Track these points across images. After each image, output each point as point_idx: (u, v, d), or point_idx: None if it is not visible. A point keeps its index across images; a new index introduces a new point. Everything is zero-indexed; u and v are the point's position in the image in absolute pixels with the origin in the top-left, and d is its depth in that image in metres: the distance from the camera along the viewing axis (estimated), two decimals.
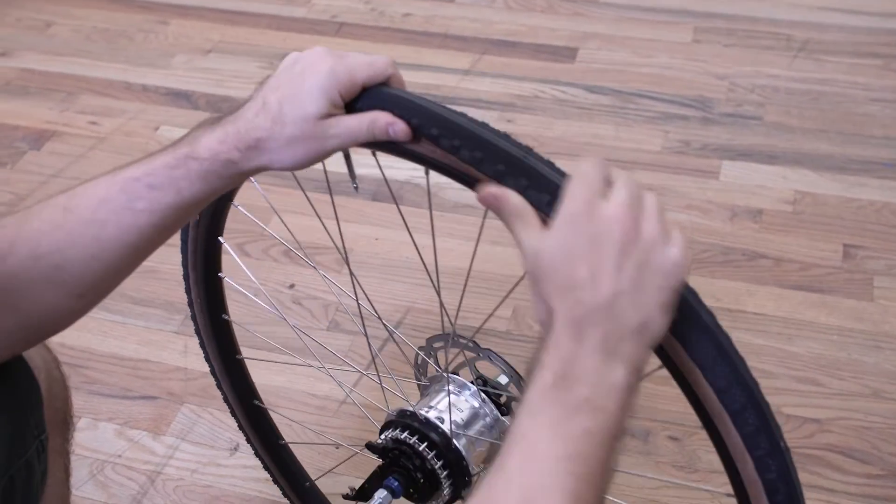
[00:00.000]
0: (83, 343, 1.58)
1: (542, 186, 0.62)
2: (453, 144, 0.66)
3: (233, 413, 1.22)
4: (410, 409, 0.86)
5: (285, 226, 1.06)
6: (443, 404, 0.87)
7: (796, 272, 1.64)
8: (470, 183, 0.67)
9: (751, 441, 0.61)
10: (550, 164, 0.64)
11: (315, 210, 0.92)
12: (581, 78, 2.14)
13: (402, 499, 0.89)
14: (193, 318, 1.11)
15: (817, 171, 1.85)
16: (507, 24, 2.33)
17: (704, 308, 0.61)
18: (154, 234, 0.72)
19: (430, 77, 2.16)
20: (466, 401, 0.88)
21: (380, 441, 0.86)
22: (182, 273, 1.07)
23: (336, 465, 1.29)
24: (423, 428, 0.83)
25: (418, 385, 0.94)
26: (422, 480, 0.84)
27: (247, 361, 1.17)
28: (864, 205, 1.77)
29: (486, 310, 0.92)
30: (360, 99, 0.71)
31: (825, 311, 1.57)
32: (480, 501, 0.55)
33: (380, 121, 0.69)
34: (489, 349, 0.88)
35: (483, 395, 0.88)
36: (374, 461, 0.88)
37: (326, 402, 1.47)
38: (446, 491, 0.85)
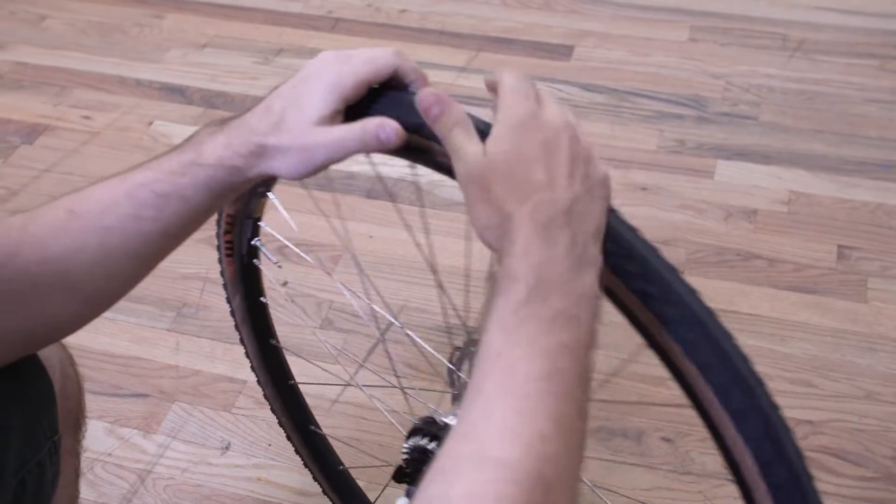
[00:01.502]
0: (74, 340, 1.55)
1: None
2: None
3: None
4: (436, 417, 0.82)
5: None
6: None
7: (790, 273, 1.64)
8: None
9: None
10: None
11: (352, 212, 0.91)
12: (577, 76, 2.13)
13: None
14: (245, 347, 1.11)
15: (812, 171, 1.85)
16: (503, 21, 2.32)
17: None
18: (160, 241, 0.70)
19: (426, 74, 2.15)
20: None
21: (405, 449, 0.82)
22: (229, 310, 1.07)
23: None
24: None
25: (452, 396, 0.90)
26: None
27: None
28: (859, 206, 1.77)
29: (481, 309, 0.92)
30: (363, 102, 0.68)
31: (819, 312, 1.57)
32: (461, 433, 0.52)
33: (368, 127, 0.65)
34: None
35: None
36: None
37: (319, 400, 1.46)
38: None
